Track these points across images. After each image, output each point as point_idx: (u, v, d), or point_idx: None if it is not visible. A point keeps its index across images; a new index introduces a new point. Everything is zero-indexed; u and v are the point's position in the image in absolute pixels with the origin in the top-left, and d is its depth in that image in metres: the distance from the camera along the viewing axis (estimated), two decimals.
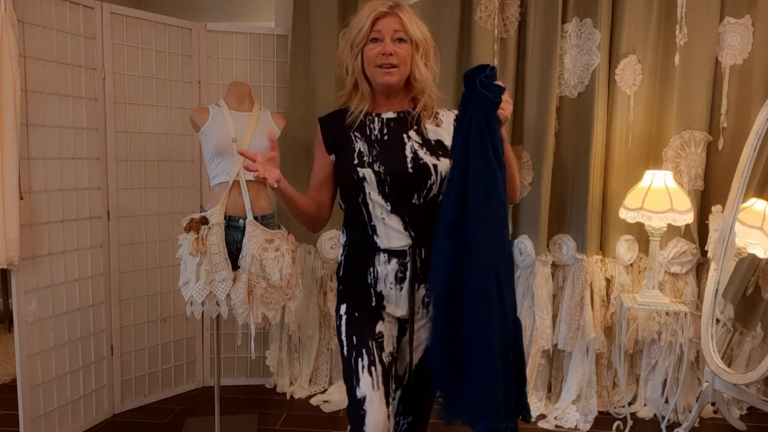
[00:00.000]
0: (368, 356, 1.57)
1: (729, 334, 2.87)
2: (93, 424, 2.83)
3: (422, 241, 1.59)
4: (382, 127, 1.64)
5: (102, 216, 2.81)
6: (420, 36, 1.60)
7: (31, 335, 2.50)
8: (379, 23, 1.58)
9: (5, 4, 2.24)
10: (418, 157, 1.58)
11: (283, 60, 3.22)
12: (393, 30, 1.57)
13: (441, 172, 1.58)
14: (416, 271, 1.60)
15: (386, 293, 1.62)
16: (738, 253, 2.79)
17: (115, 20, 2.80)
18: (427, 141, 1.62)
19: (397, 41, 1.58)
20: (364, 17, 1.59)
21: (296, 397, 3.16)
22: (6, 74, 2.25)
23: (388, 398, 1.57)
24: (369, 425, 1.50)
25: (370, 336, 1.60)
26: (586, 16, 2.93)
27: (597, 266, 3.00)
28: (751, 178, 2.74)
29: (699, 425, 2.85)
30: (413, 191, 1.58)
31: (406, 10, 1.61)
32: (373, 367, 1.56)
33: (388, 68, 1.58)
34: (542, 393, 3.08)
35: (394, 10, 1.59)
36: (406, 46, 1.59)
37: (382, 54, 1.56)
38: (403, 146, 1.60)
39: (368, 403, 1.52)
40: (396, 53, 1.57)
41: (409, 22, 1.59)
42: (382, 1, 1.60)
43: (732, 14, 2.91)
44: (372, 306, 1.64)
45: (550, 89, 2.93)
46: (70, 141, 2.64)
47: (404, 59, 1.59)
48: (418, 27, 1.60)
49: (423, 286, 1.62)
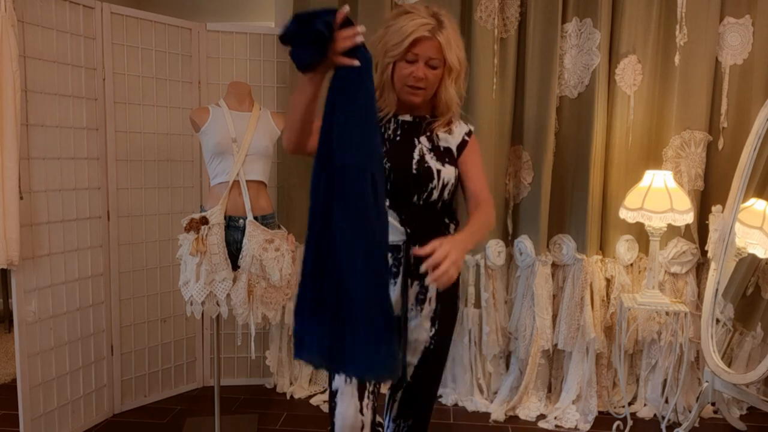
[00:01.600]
0: None
1: (729, 334, 2.87)
2: (93, 424, 2.83)
3: (417, 237, 1.60)
4: (397, 128, 1.67)
5: (102, 216, 2.81)
6: (455, 62, 1.59)
7: (31, 335, 2.50)
8: (417, 46, 1.56)
9: (5, 4, 2.24)
10: (424, 160, 1.62)
11: (283, 60, 3.21)
12: (429, 56, 1.56)
13: (444, 178, 1.62)
14: (409, 267, 1.62)
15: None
16: (738, 253, 2.79)
17: (115, 20, 2.80)
18: (436, 147, 1.66)
19: (430, 67, 1.58)
20: (405, 34, 1.55)
21: (296, 397, 3.16)
22: (6, 74, 2.25)
23: (362, 391, 1.59)
24: (338, 417, 1.58)
25: None
26: (586, 16, 2.93)
27: (597, 266, 3.00)
28: (751, 178, 2.74)
29: (699, 425, 2.85)
30: (414, 192, 1.61)
31: (447, 31, 1.57)
32: None
33: (415, 90, 1.60)
34: (542, 393, 3.08)
35: (435, 35, 1.56)
36: (439, 71, 1.59)
37: (414, 76, 1.57)
38: (412, 148, 1.63)
39: (339, 396, 1.59)
40: (427, 78, 1.58)
41: (448, 48, 1.57)
42: (427, 20, 1.55)
43: (732, 14, 2.91)
44: None
45: (550, 89, 2.93)
46: (70, 141, 2.64)
47: (433, 83, 1.60)
48: (455, 51, 1.58)
49: (417, 283, 1.64)
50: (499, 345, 3.09)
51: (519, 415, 2.97)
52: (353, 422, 1.57)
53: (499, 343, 3.09)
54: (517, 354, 3.09)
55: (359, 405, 1.58)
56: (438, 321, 1.67)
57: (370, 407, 1.62)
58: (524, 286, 3.07)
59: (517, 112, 3.05)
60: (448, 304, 1.70)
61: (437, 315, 1.67)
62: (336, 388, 1.61)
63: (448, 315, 1.71)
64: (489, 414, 2.98)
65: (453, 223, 1.71)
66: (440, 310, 1.67)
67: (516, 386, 3.08)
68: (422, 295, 1.65)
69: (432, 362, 1.69)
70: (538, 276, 3.00)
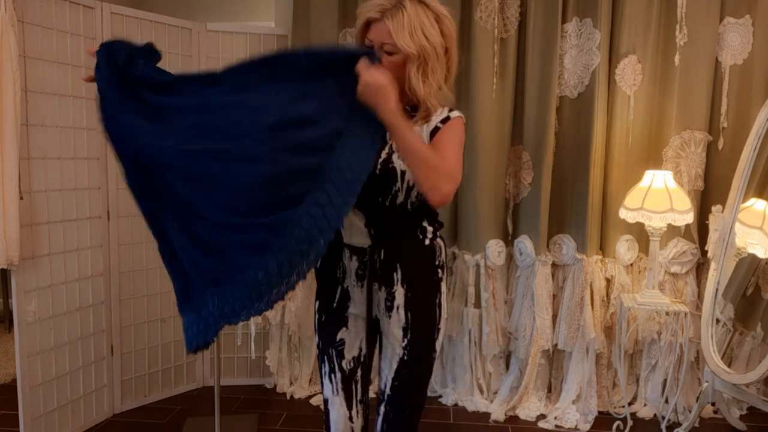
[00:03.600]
0: (329, 364, 1.63)
1: (729, 334, 2.87)
2: (93, 424, 2.83)
3: (382, 241, 1.54)
4: None
5: (102, 216, 2.81)
6: (410, 46, 1.42)
7: (31, 335, 2.50)
8: (371, 30, 1.46)
9: (5, 4, 2.24)
10: (390, 160, 1.50)
11: None
12: (381, 41, 1.44)
13: (409, 180, 1.49)
14: (375, 271, 1.56)
15: (351, 290, 1.61)
16: (738, 253, 2.79)
17: (115, 20, 2.80)
18: None
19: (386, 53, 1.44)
20: (360, 17, 1.49)
21: (296, 397, 3.16)
22: (6, 74, 2.25)
23: (350, 401, 1.63)
24: (332, 425, 1.64)
25: (331, 344, 1.63)
26: (586, 16, 2.93)
27: (597, 266, 3.00)
28: (751, 178, 2.74)
29: (699, 425, 2.85)
30: (378, 194, 1.51)
31: (404, 12, 1.42)
32: (333, 374, 1.63)
33: None
34: (542, 393, 3.08)
35: (385, 17, 1.43)
36: (396, 58, 1.44)
37: None
38: (381, 146, 1.50)
39: (330, 405, 1.64)
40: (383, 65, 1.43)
41: (398, 31, 1.41)
42: (380, 1, 1.45)
43: (732, 14, 2.91)
44: (334, 308, 1.62)
45: (550, 89, 2.93)
46: (70, 141, 2.64)
47: (390, 71, 1.42)
48: (411, 34, 1.42)
49: (384, 288, 1.56)
50: (499, 345, 3.09)
51: (519, 415, 2.97)
52: (344, 429, 1.63)
53: (499, 343, 3.09)
54: (517, 354, 3.09)
55: (348, 413, 1.63)
56: (410, 330, 1.56)
57: (361, 414, 1.64)
58: (524, 286, 3.07)
59: (517, 112, 3.05)
60: (422, 312, 1.57)
61: (409, 324, 1.56)
62: (326, 397, 1.65)
63: (423, 323, 1.57)
64: (489, 414, 2.98)
65: (432, 226, 1.59)
66: (412, 318, 1.56)
67: (516, 386, 3.08)
68: (389, 302, 1.56)
69: (408, 375, 1.57)
70: (538, 276, 3.00)
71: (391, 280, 1.56)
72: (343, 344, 1.62)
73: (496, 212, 3.06)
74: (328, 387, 1.64)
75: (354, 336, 1.63)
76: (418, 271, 1.57)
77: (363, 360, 1.65)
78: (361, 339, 1.64)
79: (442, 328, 1.62)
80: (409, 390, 1.60)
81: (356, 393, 1.64)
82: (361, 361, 1.64)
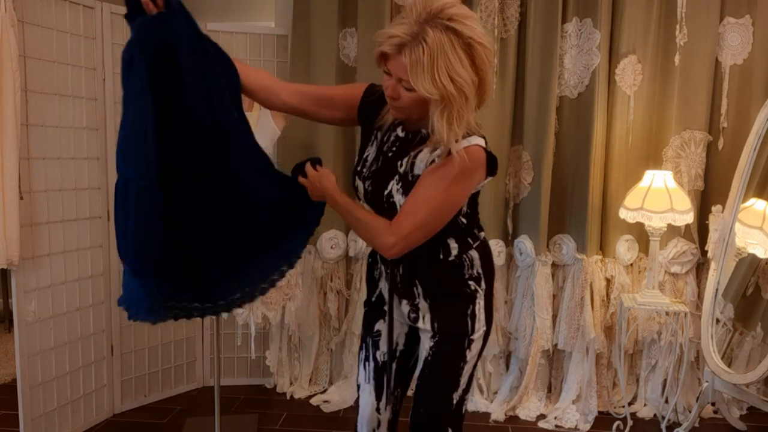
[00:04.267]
0: (365, 351, 1.70)
1: (729, 334, 2.87)
2: (93, 424, 2.83)
3: (400, 260, 1.53)
4: (392, 144, 1.51)
5: (102, 216, 2.81)
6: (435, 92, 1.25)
7: (31, 335, 2.50)
8: (388, 62, 1.32)
9: (5, 4, 2.24)
10: (391, 194, 1.46)
11: (283, 60, 3.21)
12: (399, 76, 1.31)
13: None
14: (396, 287, 1.59)
15: (383, 292, 1.65)
16: (738, 253, 2.79)
17: (115, 20, 2.80)
18: (405, 175, 1.45)
19: (405, 89, 1.32)
20: (378, 43, 1.33)
21: (296, 397, 3.16)
22: (6, 74, 2.24)
23: (380, 391, 1.67)
24: (360, 409, 1.71)
25: (369, 333, 1.69)
26: (586, 16, 2.93)
27: (597, 266, 3.00)
28: (751, 178, 2.74)
29: (699, 425, 2.85)
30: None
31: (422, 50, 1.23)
32: (367, 362, 1.69)
33: (394, 107, 1.41)
34: (542, 393, 3.08)
35: (402, 53, 1.26)
36: (415, 95, 1.31)
37: (388, 93, 1.38)
38: (392, 175, 1.47)
39: (361, 391, 1.71)
40: (401, 97, 1.35)
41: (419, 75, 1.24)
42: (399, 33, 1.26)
43: (732, 14, 2.91)
44: (372, 302, 1.69)
45: (550, 89, 2.92)
46: (70, 141, 2.64)
47: (408, 105, 1.35)
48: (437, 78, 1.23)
49: (405, 302, 1.58)
50: (499, 345, 3.09)
51: (519, 415, 2.97)
52: (370, 416, 1.68)
53: (499, 343, 3.09)
54: (517, 354, 3.09)
55: (376, 403, 1.67)
56: (437, 336, 1.55)
57: (390, 408, 1.67)
58: (524, 286, 3.07)
59: (517, 112, 3.05)
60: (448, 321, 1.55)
61: (435, 330, 1.55)
62: (358, 383, 1.72)
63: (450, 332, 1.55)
64: (489, 414, 2.98)
65: (459, 242, 1.52)
66: (438, 327, 1.55)
67: (516, 386, 3.08)
68: (414, 313, 1.57)
69: (429, 376, 1.56)
70: (538, 276, 3.00)
71: (412, 294, 1.58)
72: (379, 335, 1.67)
73: (496, 212, 3.06)
74: (362, 374, 1.69)
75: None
76: (441, 287, 1.55)
77: (399, 355, 1.68)
78: (398, 334, 1.67)
79: (477, 339, 1.55)
80: (428, 392, 1.57)
81: (388, 385, 1.66)
82: (396, 356, 1.67)
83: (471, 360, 1.56)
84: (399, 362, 1.68)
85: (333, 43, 3.06)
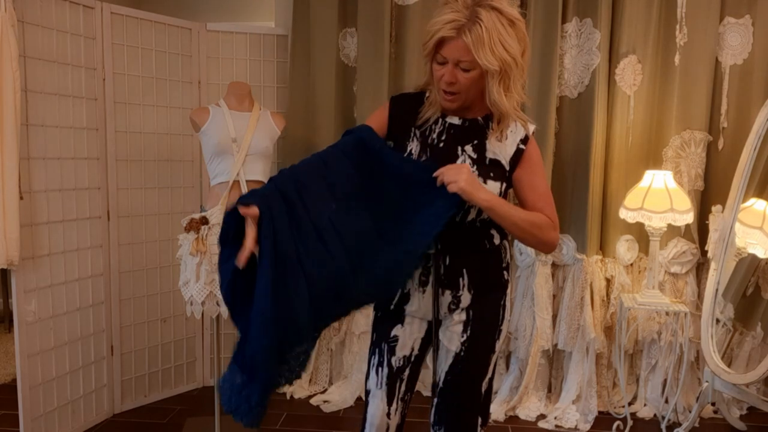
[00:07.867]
0: (378, 357, 1.66)
1: (729, 334, 2.87)
2: (93, 424, 2.83)
3: (449, 250, 1.54)
4: (442, 133, 1.54)
5: (102, 216, 2.81)
6: (492, 62, 1.39)
7: (31, 335, 2.50)
8: (444, 47, 1.42)
9: (5, 4, 2.24)
10: None
11: (283, 60, 3.22)
12: (457, 58, 1.42)
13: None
14: (440, 277, 1.57)
15: (411, 293, 1.61)
16: (738, 253, 2.79)
17: (115, 20, 2.80)
18: (481, 159, 1.52)
19: (462, 70, 1.43)
20: (430, 33, 1.42)
21: (296, 397, 3.16)
22: (6, 74, 2.25)
23: (392, 397, 1.64)
24: (368, 417, 1.66)
25: (384, 338, 1.65)
26: (586, 16, 2.93)
27: (597, 266, 3.00)
28: (751, 178, 2.74)
29: (699, 425, 2.85)
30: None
31: (480, 27, 1.37)
32: (380, 368, 1.65)
33: (448, 95, 1.48)
34: (542, 393, 3.08)
35: (462, 35, 1.38)
36: (474, 74, 1.43)
37: (444, 81, 1.46)
38: (453, 160, 1.51)
39: (371, 397, 1.67)
40: (459, 81, 1.45)
41: (478, 48, 1.38)
42: (455, 17, 1.39)
43: (732, 14, 2.91)
44: (391, 308, 1.64)
45: (550, 89, 2.93)
46: (70, 141, 2.64)
47: (468, 87, 1.45)
48: (492, 49, 1.38)
49: (449, 292, 1.57)
50: None
51: (519, 415, 2.97)
52: (380, 423, 1.65)
53: None
54: (517, 354, 3.09)
55: (387, 409, 1.64)
56: (471, 328, 1.59)
57: (399, 413, 1.66)
58: (524, 286, 3.07)
59: None
60: (484, 312, 1.60)
61: (470, 321, 1.58)
62: (368, 389, 1.67)
63: (485, 323, 1.60)
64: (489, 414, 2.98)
65: (498, 233, 1.59)
66: (473, 317, 1.58)
67: (516, 386, 3.08)
68: (454, 304, 1.58)
69: (462, 370, 1.60)
70: (538, 276, 3.00)
71: (456, 284, 1.57)
72: (396, 341, 1.64)
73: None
74: (373, 379, 1.66)
75: (408, 335, 1.64)
76: (486, 275, 1.59)
77: (414, 360, 1.66)
78: (415, 339, 1.65)
79: (503, 329, 1.64)
80: (461, 386, 1.61)
81: (399, 391, 1.65)
82: (411, 361, 1.66)
83: (498, 350, 1.64)
84: (413, 367, 1.67)
85: (333, 43, 3.06)
